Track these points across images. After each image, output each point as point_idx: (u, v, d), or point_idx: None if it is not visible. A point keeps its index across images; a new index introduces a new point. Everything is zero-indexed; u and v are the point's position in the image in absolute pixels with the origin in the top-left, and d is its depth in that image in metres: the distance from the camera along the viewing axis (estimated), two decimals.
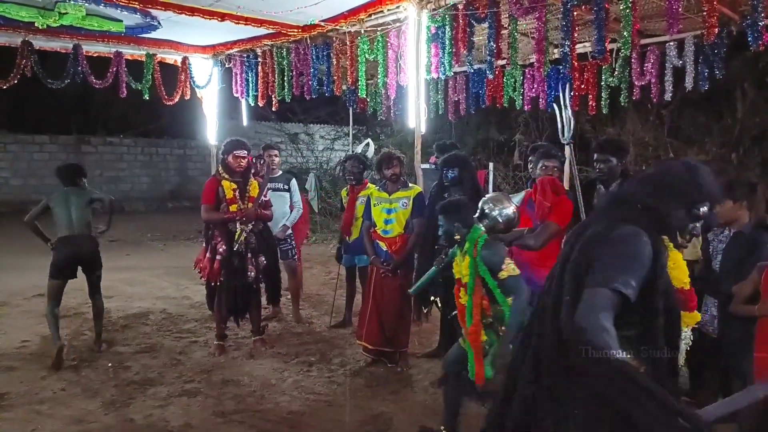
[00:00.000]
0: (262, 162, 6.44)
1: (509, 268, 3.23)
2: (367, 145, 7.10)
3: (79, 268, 5.40)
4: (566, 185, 5.66)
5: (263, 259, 5.46)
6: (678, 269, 2.17)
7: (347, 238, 5.98)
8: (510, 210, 3.55)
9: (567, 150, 6.03)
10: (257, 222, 5.42)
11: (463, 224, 3.48)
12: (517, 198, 4.36)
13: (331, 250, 10.27)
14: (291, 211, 6.42)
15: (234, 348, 5.56)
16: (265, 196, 5.54)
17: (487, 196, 3.76)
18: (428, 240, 4.86)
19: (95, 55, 8.05)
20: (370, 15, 6.34)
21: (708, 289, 3.64)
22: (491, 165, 9.08)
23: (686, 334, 2.17)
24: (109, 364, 5.13)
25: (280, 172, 6.57)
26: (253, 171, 5.58)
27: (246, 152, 5.34)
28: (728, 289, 3.33)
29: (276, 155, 6.47)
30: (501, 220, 3.53)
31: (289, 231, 6.41)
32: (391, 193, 5.17)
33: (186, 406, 4.34)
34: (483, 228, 3.49)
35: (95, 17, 6.48)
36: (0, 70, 7.26)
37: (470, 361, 3.34)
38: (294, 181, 6.54)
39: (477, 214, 3.57)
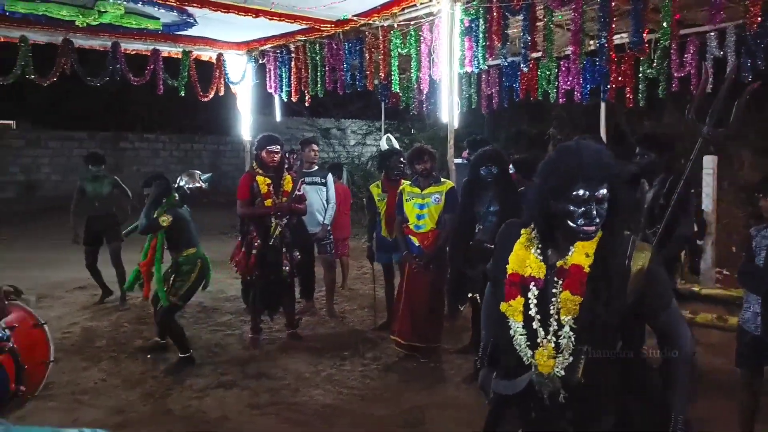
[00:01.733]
0: (294, 157, 6.49)
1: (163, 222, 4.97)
2: (389, 139, 7.06)
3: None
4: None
5: (297, 253, 5.51)
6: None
7: (390, 235, 5.79)
8: (182, 182, 5.26)
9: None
10: (291, 216, 5.47)
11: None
12: None
13: (363, 245, 10.29)
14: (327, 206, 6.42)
15: (268, 342, 5.63)
16: (298, 191, 5.58)
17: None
18: (461, 235, 4.83)
19: (133, 52, 8.20)
20: (403, 9, 6.32)
21: (750, 286, 3.54)
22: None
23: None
24: (148, 356, 5.24)
25: (317, 167, 6.60)
26: (286, 165, 5.62)
27: (279, 147, 5.38)
28: None
29: (315, 149, 6.51)
30: (173, 191, 5.15)
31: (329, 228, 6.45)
32: (423, 188, 5.15)
33: (222, 398, 4.41)
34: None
35: (133, 15, 6.59)
36: (40, 68, 7.45)
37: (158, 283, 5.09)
38: (330, 176, 6.53)
39: None
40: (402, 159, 5.86)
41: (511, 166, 5.02)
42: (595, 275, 1.86)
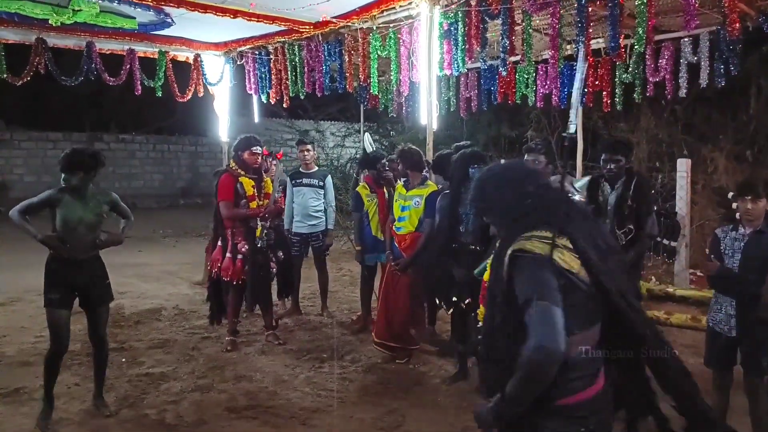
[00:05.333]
0: (270, 159, 6.48)
1: None
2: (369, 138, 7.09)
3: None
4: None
5: (281, 254, 5.52)
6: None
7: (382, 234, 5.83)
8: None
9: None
10: (273, 217, 5.48)
11: None
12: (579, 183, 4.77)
13: (342, 247, 10.27)
14: (324, 207, 6.51)
15: (246, 344, 5.58)
16: (277, 192, 5.59)
17: None
18: (442, 236, 4.81)
19: (108, 52, 8.07)
20: (382, 11, 6.32)
21: (724, 289, 3.59)
22: (503, 162, 9.05)
23: None
24: (123, 360, 5.17)
25: (316, 168, 6.62)
26: (264, 168, 5.61)
27: (261, 149, 5.37)
28: (751, 288, 3.29)
29: (309, 149, 6.53)
30: None
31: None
32: (408, 190, 5.16)
33: (199, 401, 4.36)
34: None
35: (109, 14, 6.50)
36: (14, 67, 7.31)
37: None
38: (329, 179, 6.62)
39: None
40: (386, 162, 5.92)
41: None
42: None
